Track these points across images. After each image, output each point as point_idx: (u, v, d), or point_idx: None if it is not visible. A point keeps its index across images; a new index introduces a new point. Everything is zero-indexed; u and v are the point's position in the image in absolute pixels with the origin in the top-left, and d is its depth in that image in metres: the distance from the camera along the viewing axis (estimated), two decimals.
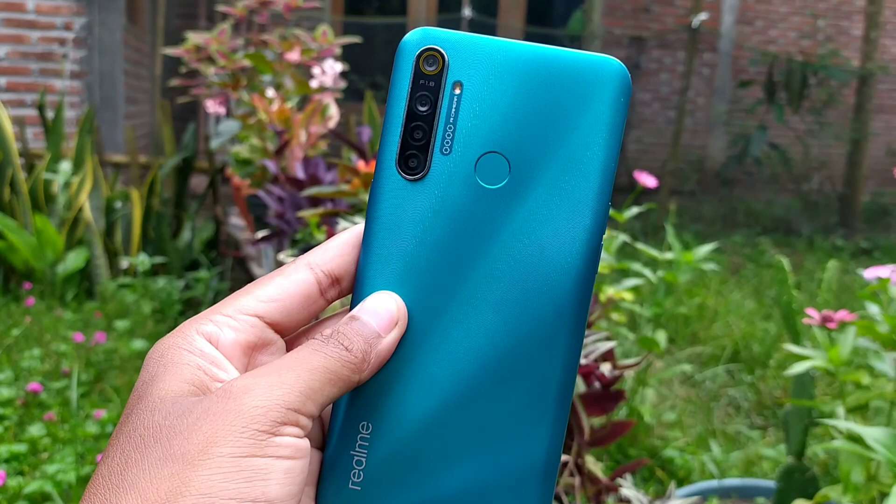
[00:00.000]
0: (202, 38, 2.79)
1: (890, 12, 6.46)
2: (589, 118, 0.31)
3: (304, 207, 1.73)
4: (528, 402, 0.31)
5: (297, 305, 0.31)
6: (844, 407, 1.16)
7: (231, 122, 2.32)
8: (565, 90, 0.31)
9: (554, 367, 0.31)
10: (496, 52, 0.31)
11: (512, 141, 0.31)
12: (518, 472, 0.31)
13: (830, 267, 1.57)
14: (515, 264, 0.31)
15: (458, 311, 0.31)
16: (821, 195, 5.35)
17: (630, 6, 6.23)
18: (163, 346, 0.30)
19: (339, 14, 6.04)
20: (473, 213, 0.31)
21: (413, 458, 0.31)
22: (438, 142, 0.31)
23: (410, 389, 0.31)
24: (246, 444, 0.26)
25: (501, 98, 0.31)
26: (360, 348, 0.30)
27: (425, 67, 0.31)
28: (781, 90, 5.16)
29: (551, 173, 0.31)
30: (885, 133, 6.34)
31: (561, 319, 0.31)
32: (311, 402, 0.28)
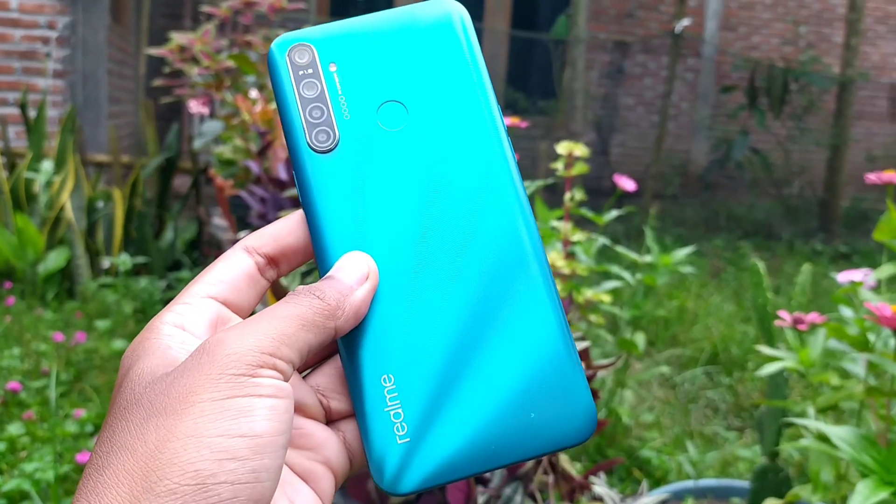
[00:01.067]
0: (186, 38, 2.79)
1: (871, 20, 6.54)
2: (446, 47, 0.35)
3: (286, 208, 1.74)
4: (519, 293, 0.33)
5: (244, 284, 0.33)
6: (815, 407, 1.18)
7: (214, 123, 2.33)
8: (417, 36, 0.35)
9: (523, 257, 0.33)
10: (349, 28, 0.35)
11: (397, 88, 0.34)
12: (543, 351, 0.33)
13: (804, 270, 1.59)
14: (448, 186, 0.33)
15: (420, 245, 0.33)
16: (801, 200, 5.40)
17: (615, 11, 6.27)
18: (134, 343, 0.31)
19: (325, 16, 6.04)
20: (393, 158, 0.34)
21: (447, 388, 0.32)
22: (337, 111, 0.34)
23: (412, 328, 0.32)
24: (225, 388, 0.27)
25: (372, 61, 0.34)
26: (332, 297, 0.30)
27: (298, 60, 0.34)
28: (763, 96, 5.21)
29: (441, 101, 0.34)
30: (865, 139, 6.41)
31: (509, 209, 0.33)
32: (285, 346, 0.28)
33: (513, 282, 0.33)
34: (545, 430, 0.32)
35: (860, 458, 0.86)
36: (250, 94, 2.27)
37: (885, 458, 0.86)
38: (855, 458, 0.86)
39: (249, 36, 2.68)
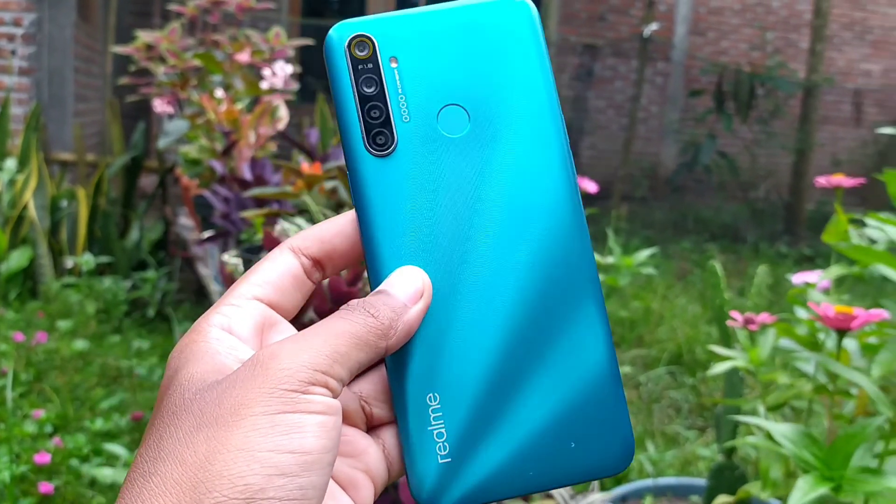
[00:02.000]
0: (152, 36, 2.77)
1: (837, 26, 6.65)
2: (515, 50, 0.33)
3: (249, 208, 1.74)
4: (568, 317, 0.32)
5: (289, 285, 0.32)
6: (765, 406, 1.20)
7: (179, 122, 2.31)
8: (485, 34, 0.33)
9: (577, 278, 0.32)
10: (414, 21, 0.33)
11: (460, 91, 0.33)
12: (589, 380, 0.32)
13: (760, 272, 1.62)
14: (509, 197, 0.32)
15: (474, 260, 0.32)
16: (767, 203, 5.48)
17: (586, 14, 6.32)
18: (181, 344, 0.31)
19: (297, 16, 6.01)
20: (452, 165, 0.32)
21: (489, 411, 0.32)
22: (396, 112, 0.32)
23: (460, 348, 0.32)
24: (277, 403, 0.27)
25: (435, 59, 0.33)
26: (386, 315, 0.30)
27: (357, 53, 0.32)
28: (730, 100, 5.28)
29: (506, 107, 0.33)
30: (831, 144, 6.52)
31: (567, 232, 0.33)
32: (338, 364, 0.28)
33: (565, 305, 0.32)
34: (583, 458, 0.32)
35: (801, 455, 0.88)
36: (216, 93, 2.26)
37: (826, 455, 0.88)
38: (797, 455, 0.88)
39: (217, 35, 2.67)
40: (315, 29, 6.00)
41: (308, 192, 1.52)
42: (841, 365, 0.95)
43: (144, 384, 2.10)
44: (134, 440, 1.75)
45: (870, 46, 6.88)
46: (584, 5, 6.30)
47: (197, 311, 2.68)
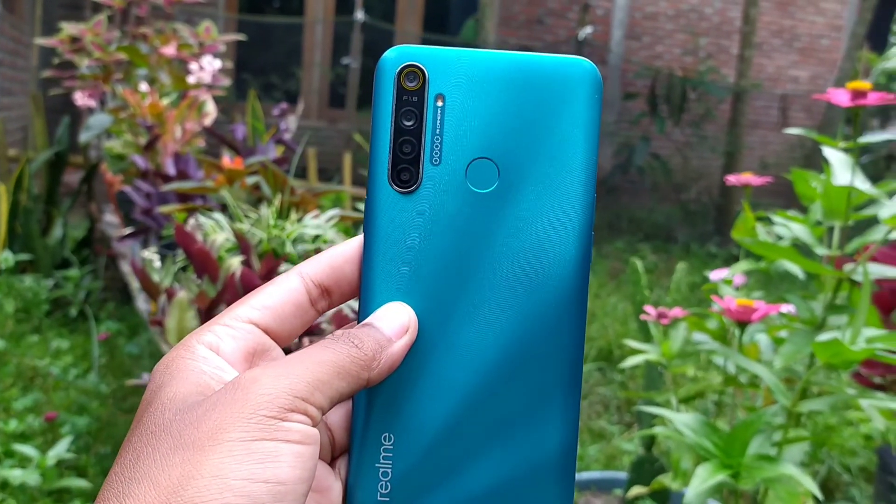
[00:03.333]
0: (77, 28, 2.70)
1: (767, 33, 6.85)
2: (568, 117, 0.32)
3: (172, 203, 1.70)
4: (541, 394, 0.32)
5: (289, 313, 0.32)
6: (676, 398, 1.23)
7: (102, 116, 2.26)
8: (542, 92, 0.32)
9: (561, 358, 0.32)
10: (472, 62, 0.32)
11: (498, 146, 0.32)
12: (537, 463, 0.32)
13: (679, 269, 1.66)
14: (515, 263, 0.32)
15: (465, 315, 0.32)
16: (698, 204, 5.61)
17: (524, 17, 6.37)
18: (168, 359, 0.30)
19: (234, 12, 5.93)
20: (469, 219, 0.32)
21: (437, 464, 0.32)
22: (427, 154, 0.32)
23: (427, 396, 0.32)
24: (255, 429, 0.26)
25: (482, 106, 0.32)
26: (370, 347, 0.30)
27: (406, 83, 0.32)
28: (663, 103, 5.39)
29: (538, 172, 0.32)
30: (761, 147, 6.71)
31: (564, 310, 0.32)
32: (318, 392, 0.28)
33: (541, 381, 0.32)
34: None
35: (702, 444, 0.90)
36: (140, 87, 2.22)
37: (725, 443, 0.90)
38: (697, 444, 0.90)
39: (144, 28, 2.61)
40: (254, 25, 5.92)
41: (230, 188, 1.50)
42: (742, 357, 0.98)
43: (59, 384, 2.05)
44: (47, 441, 1.71)
45: (798, 53, 7.10)
46: (523, 8, 6.36)
47: (122, 311, 2.62)
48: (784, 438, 0.97)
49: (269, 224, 1.22)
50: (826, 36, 7.16)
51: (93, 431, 1.83)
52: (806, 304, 1.14)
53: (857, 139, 1.01)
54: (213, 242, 1.15)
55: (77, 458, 1.69)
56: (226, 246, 1.22)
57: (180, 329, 1.04)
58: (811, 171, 1.14)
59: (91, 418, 1.87)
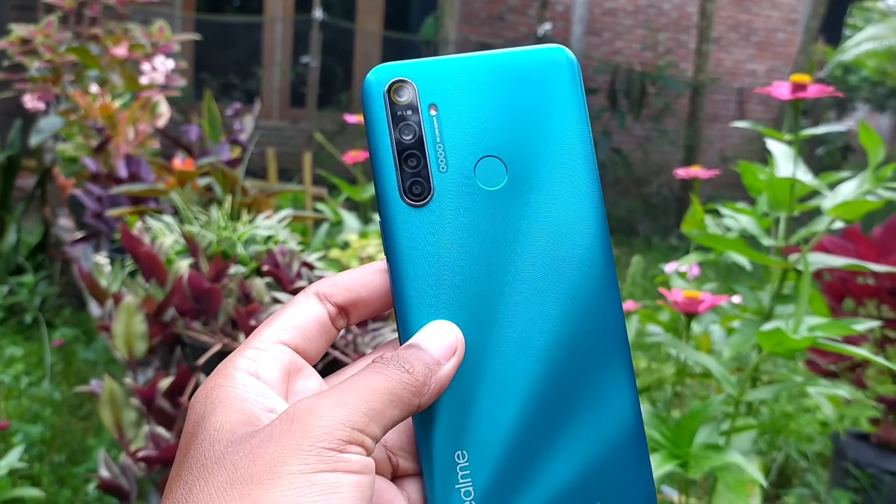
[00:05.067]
0: (27, 30, 2.64)
1: (724, 28, 6.94)
2: (556, 101, 0.32)
3: (122, 205, 1.68)
4: (598, 376, 0.32)
5: (315, 332, 0.32)
6: None
7: (53, 119, 2.22)
8: (526, 84, 0.32)
9: (608, 335, 0.32)
10: (455, 68, 0.32)
11: (498, 142, 0.32)
12: (615, 439, 0.32)
13: (634, 262, 1.67)
14: (543, 252, 0.32)
15: (506, 314, 0.32)
16: (660, 198, 5.67)
17: (485, 14, 6.39)
18: (207, 388, 0.30)
19: (191, 11, 5.86)
20: (489, 218, 0.32)
21: (515, 470, 0.31)
22: (433, 163, 0.32)
23: (489, 405, 0.31)
24: (314, 461, 0.26)
25: (475, 107, 0.32)
26: (421, 371, 0.29)
27: (397, 99, 0.32)
28: (623, 98, 5.43)
29: (543, 160, 0.32)
30: (720, 140, 6.80)
31: (600, 287, 0.32)
32: (374, 423, 0.28)
33: (594, 362, 0.32)
34: None
35: (650, 434, 0.91)
36: (91, 88, 2.18)
37: (673, 434, 0.91)
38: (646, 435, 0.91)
39: (96, 29, 2.57)
40: (212, 25, 5.86)
41: (181, 189, 1.48)
42: (688, 347, 0.99)
43: (12, 392, 2.01)
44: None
45: (754, 47, 7.21)
46: (483, 5, 6.37)
47: (78, 316, 2.58)
48: (732, 427, 0.99)
49: (219, 226, 1.21)
50: (782, 30, 7.28)
51: (47, 440, 1.79)
52: (754, 294, 1.16)
53: (797, 132, 1.02)
54: (161, 245, 1.13)
55: (30, 467, 1.66)
56: (175, 248, 1.20)
57: (128, 334, 1.03)
58: (758, 164, 1.15)
59: (45, 426, 1.84)
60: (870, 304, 1.70)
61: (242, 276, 1.13)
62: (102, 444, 1.73)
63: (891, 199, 1.01)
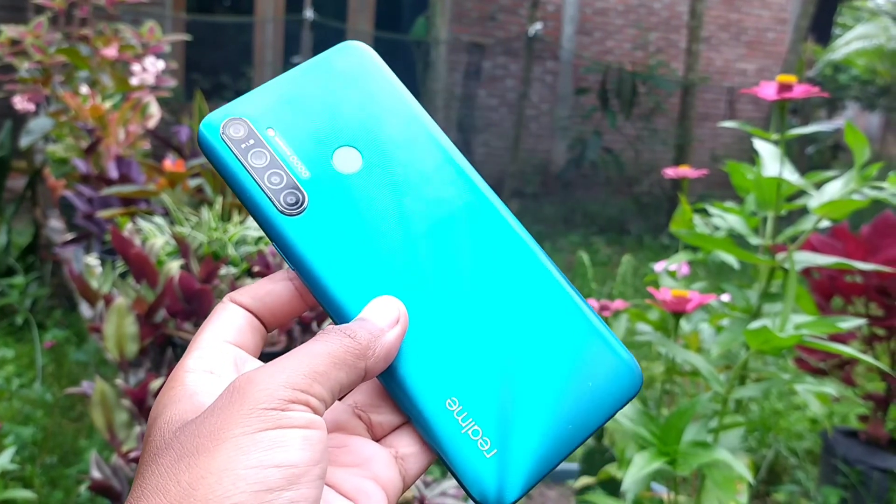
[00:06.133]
0: (17, 31, 2.63)
1: (715, 27, 6.96)
2: (366, 79, 0.36)
3: (113, 206, 1.68)
4: (528, 282, 0.34)
5: (248, 331, 0.33)
6: None
7: (43, 120, 2.21)
8: (336, 78, 0.35)
9: (516, 244, 0.34)
10: (272, 90, 0.35)
11: (339, 132, 0.35)
12: (574, 325, 0.34)
13: (625, 262, 1.68)
14: (430, 204, 0.34)
15: (428, 271, 0.34)
16: (651, 197, 5.68)
17: (477, 14, 6.39)
18: (160, 394, 0.30)
19: (181, 11, 5.84)
20: (367, 198, 0.34)
21: (509, 390, 0.33)
22: (294, 172, 0.33)
23: (452, 348, 0.33)
24: (256, 422, 0.26)
25: (306, 115, 0.35)
26: (363, 337, 0.30)
27: (234, 134, 0.34)
28: (614, 98, 5.45)
29: (383, 130, 0.35)
30: (711, 139, 6.82)
31: (485, 208, 0.35)
32: (317, 384, 0.28)
33: (523, 275, 0.34)
34: (604, 393, 0.34)
35: (639, 432, 0.92)
36: (81, 89, 2.18)
37: (662, 431, 0.92)
38: (635, 432, 0.92)
39: (86, 29, 2.57)
40: (203, 25, 5.85)
41: (171, 190, 1.49)
42: (677, 346, 1.00)
43: (3, 394, 2.00)
44: None
45: (745, 47, 7.23)
46: (475, 5, 6.37)
47: (69, 318, 2.57)
48: (720, 425, 0.99)
49: (209, 227, 1.21)
50: (772, 29, 7.30)
51: (38, 441, 1.79)
52: (742, 292, 1.17)
53: (784, 132, 1.03)
54: (152, 247, 1.13)
55: (22, 468, 1.66)
56: (166, 250, 1.21)
57: (119, 335, 1.03)
58: (746, 164, 1.16)
59: (36, 428, 1.83)
60: (858, 302, 1.71)
61: (233, 276, 1.13)
62: (94, 446, 1.73)
63: (876, 198, 1.02)
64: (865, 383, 1.93)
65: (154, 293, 1.08)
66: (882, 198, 1.00)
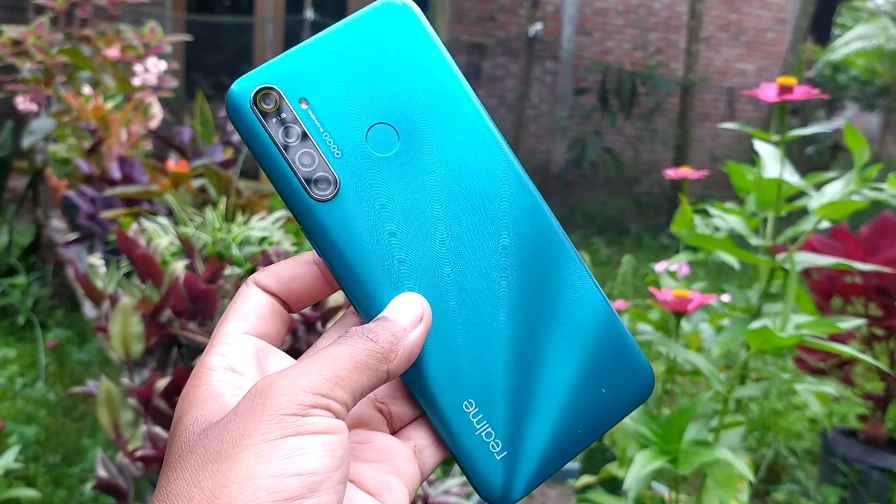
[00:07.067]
0: (19, 31, 2.64)
1: (714, 27, 6.97)
2: (410, 48, 0.32)
3: (117, 208, 1.68)
4: (558, 279, 0.33)
5: (270, 317, 0.33)
6: None
7: (45, 120, 2.22)
8: (377, 43, 0.32)
9: (552, 240, 0.33)
10: (308, 53, 0.32)
11: (377, 108, 0.32)
12: (596, 329, 0.34)
13: (625, 262, 1.69)
14: (468, 193, 0.32)
15: (459, 266, 0.32)
16: (650, 197, 5.69)
17: (476, 14, 6.40)
18: (185, 392, 0.31)
19: (182, 11, 5.85)
20: (401, 184, 0.32)
21: (523, 395, 0.33)
22: (327, 152, 0.31)
23: (474, 349, 0.33)
24: (276, 429, 0.26)
25: (342, 85, 0.32)
26: (386, 339, 0.30)
27: (265, 107, 0.31)
28: (614, 98, 5.45)
29: (425, 108, 0.32)
30: (710, 140, 6.83)
31: (529, 204, 0.33)
32: (338, 388, 0.28)
33: (552, 273, 0.33)
34: (616, 398, 0.34)
35: (641, 431, 0.92)
36: (83, 90, 2.18)
37: (663, 430, 0.93)
38: (637, 431, 0.93)
39: (87, 30, 2.57)
40: (203, 25, 5.85)
41: (175, 191, 1.49)
42: (677, 346, 1.01)
43: (6, 394, 2.01)
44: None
45: (744, 47, 7.24)
46: (474, 5, 6.38)
47: (71, 317, 2.58)
48: (721, 424, 1.00)
49: (214, 227, 1.22)
50: (771, 29, 7.31)
51: (41, 441, 1.80)
52: (742, 293, 1.18)
53: (784, 133, 1.04)
54: (157, 247, 1.14)
55: (26, 468, 1.67)
56: (171, 250, 1.21)
57: (124, 335, 1.04)
58: (746, 165, 1.17)
59: (40, 427, 1.84)
60: (857, 303, 1.72)
61: (238, 277, 1.14)
62: (97, 445, 1.73)
63: (876, 199, 1.03)
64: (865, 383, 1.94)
65: (159, 293, 1.09)
66: (881, 199, 1.01)
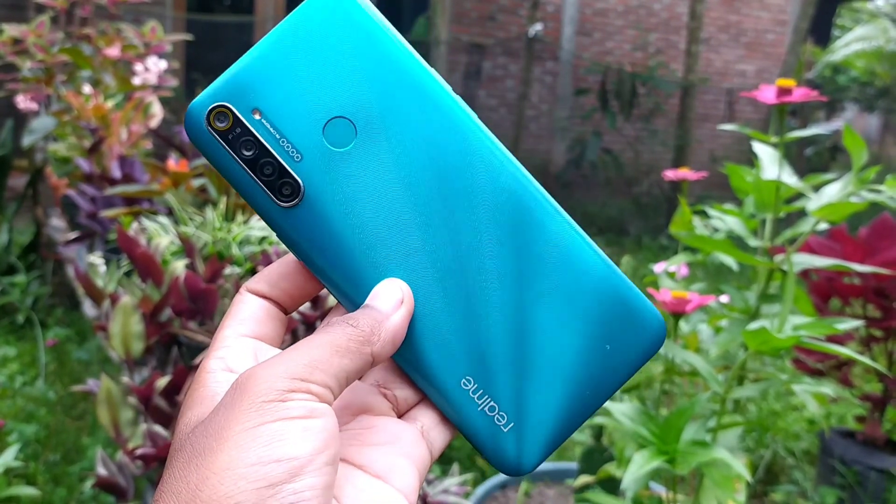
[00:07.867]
0: (19, 30, 2.64)
1: (714, 28, 6.97)
2: (357, 38, 0.32)
3: (116, 206, 1.69)
4: (543, 239, 0.32)
5: (266, 320, 0.33)
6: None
7: (46, 119, 2.22)
8: (321, 39, 0.31)
9: (530, 201, 0.32)
10: (253, 63, 0.32)
11: (328, 104, 0.31)
12: (593, 282, 0.33)
13: (624, 262, 1.69)
14: (435, 173, 0.32)
15: (436, 245, 0.32)
16: (650, 198, 5.69)
17: (476, 14, 6.40)
18: (186, 396, 0.31)
19: (182, 11, 5.85)
20: (367, 175, 0.32)
21: (523, 364, 0.32)
22: (287, 158, 0.31)
23: (465, 324, 0.32)
24: (256, 416, 0.26)
25: (291, 86, 0.31)
26: (366, 323, 0.30)
27: (219, 125, 0.31)
28: (614, 98, 5.45)
29: (381, 97, 0.32)
30: (710, 140, 6.83)
31: (500, 168, 0.32)
32: (318, 371, 0.28)
33: (536, 236, 0.32)
34: (623, 352, 0.33)
35: (639, 431, 0.93)
36: (84, 89, 2.18)
37: (661, 431, 0.93)
38: (635, 431, 0.93)
39: (88, 29, 2.57)
40: (203, 25, 5.85)
41: (175, 190, 1.50)
42: (676, 346, 1.01)
43: (6, 392, 2.01)
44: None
45: (744, 48, 7.24)
46: (475, 5, 6.38)
47: (71, 316, 2.58)
48: (719, 424, 1.01)
49: (214, 226, 1.22)
50: (771, 31, 7.32)
51: (41, 439, 1.80)
52: (740, 294, 1.18)
53: (783, 134, 1.04)
54: (158, 246, 1.15)
55: (26, 466, 1.67)
56: (171, 249, 1.22)
57: (125, 334, 1.04)
58: (745, 166, 1.17)
59: (39, 426, 1.85)
60: (855, 304, 1.72)
61: (238, 276, 1.14)
62: (97, 444, 1.74)
63: (874, 200, 1.03)
64: (863, 384, 1.95)
65: (159, 292, 1.09)
66: (880, 200, 1.02)
